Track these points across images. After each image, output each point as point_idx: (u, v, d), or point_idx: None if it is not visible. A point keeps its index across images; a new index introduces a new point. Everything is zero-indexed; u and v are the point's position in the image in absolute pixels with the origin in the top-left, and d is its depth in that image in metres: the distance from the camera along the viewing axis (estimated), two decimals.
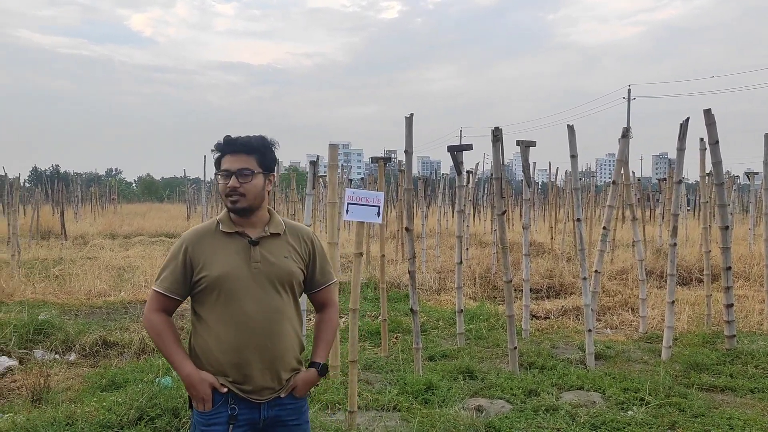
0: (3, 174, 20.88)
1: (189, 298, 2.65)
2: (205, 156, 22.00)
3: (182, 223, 26.32)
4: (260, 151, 2.61)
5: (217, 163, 2.63)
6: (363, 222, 4.90)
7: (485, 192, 21.37)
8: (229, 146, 2.60)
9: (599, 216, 20.69)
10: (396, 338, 7.75)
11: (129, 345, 7.27)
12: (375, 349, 7.36)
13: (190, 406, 2.61)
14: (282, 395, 2.62)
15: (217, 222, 2.63)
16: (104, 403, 5.15)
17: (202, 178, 22.53)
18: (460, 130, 79.26)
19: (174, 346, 2.56)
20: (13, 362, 6.79)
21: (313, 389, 5.40)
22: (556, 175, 19.56)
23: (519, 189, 28.46)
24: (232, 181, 2.54)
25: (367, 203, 4.74)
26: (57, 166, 67.38)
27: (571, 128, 6.70)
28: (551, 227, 16.29)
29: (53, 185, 33.81)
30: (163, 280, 2.57)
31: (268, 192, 2.66)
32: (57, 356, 7.05)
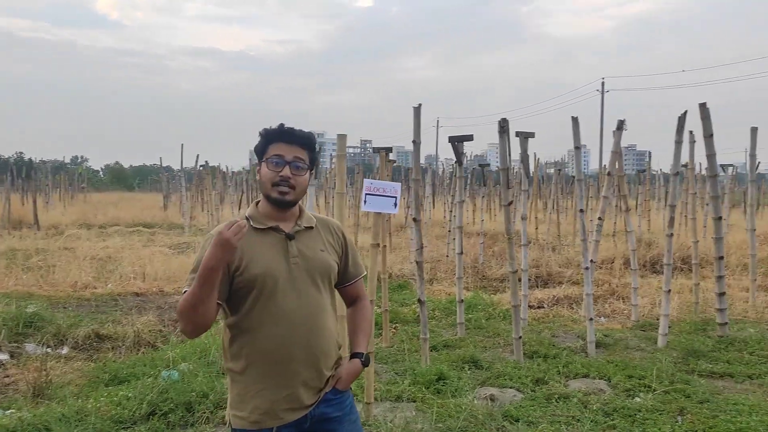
0: None
1: None
2: (182, 144, 21.80)
3: (159, 213, 25.96)
4: (312, 147, 2.54)
5: (263, 149, 2.49)
6: (380, 213, 4.88)
7: (468, 183, 21.43)
8: (285, 135, 2.48)
9: (574, 206, 20.97)
10: (395, 329, 7.76)
11: (123, 338, 7.16)
12: (375, 339, 7.36)
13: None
14: (326, 390, 2.55)
15: (246, 218, 2.50)
16: (114, 398, 5.08)
17: (180, 167, 22.25)
18: (437, 121, 79.65)
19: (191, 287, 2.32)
20: (4, 356, 6.66)
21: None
22: (537, 165, 19.72)
23: (497, 179, 28.60)
24: (286, 171, 2.43)
25: (384, 194, 4.73)
26: (21, 153, 65.59)
27: (575, 120, 6.76)
28: (535, 217, 16.44)
29: (21, 173, 33.04)
30: None
31: None
32: (49, 350, 6.91)
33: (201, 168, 22.91)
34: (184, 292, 2.39)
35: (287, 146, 2.47)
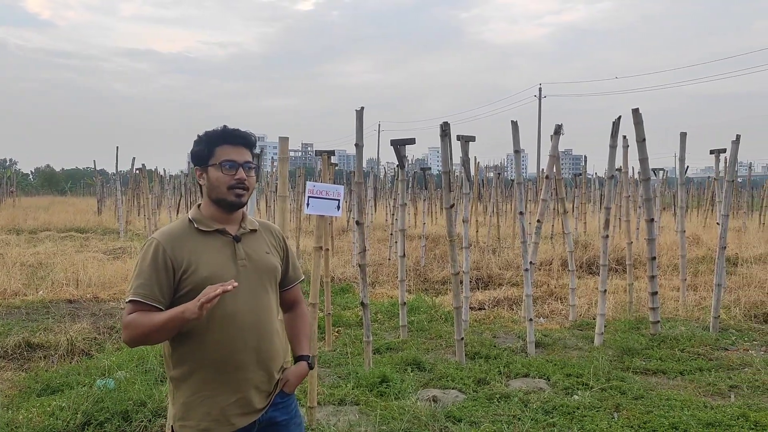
0: None
1: None
2: (117, 147, 21.15)
3: (92, 217, 25.12)
4: (253, 146, 2.54)
5: (209, 152, 2.44)
6: (323, 216, 4.86)
7: (410, 186, 21.58)
8: (230, 137, 2.46)
9: (514, 209, 21.39)
10: (338, 332, 7.73)
11: (56, 347, 6.90)
12: (318, 343, 7.31)
13: None
14: (275, 393, 2.53)
15: (190, 220, 2.46)
16: (46, 409, 4.88)
17: (116, 170, 21.59)
18: (379, 125, 80.00)
19: (159, 314, 2.28)
20: None
21: None
22: (476, 168, 20.00)
23: (438, 183, 28.89)
24: (241, 173, 2.42)
25: (327, 196, 4.70)
26: None
27: (514, 124, 6.89)
28: (476, 221, 16.66)
29: None
30: (139, 287, 2.31)
31: None
32: None
33: (137, 171, 22.30)
34: (129, 301, 2.33)
35: (234, 148, 2.46)
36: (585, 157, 19.74)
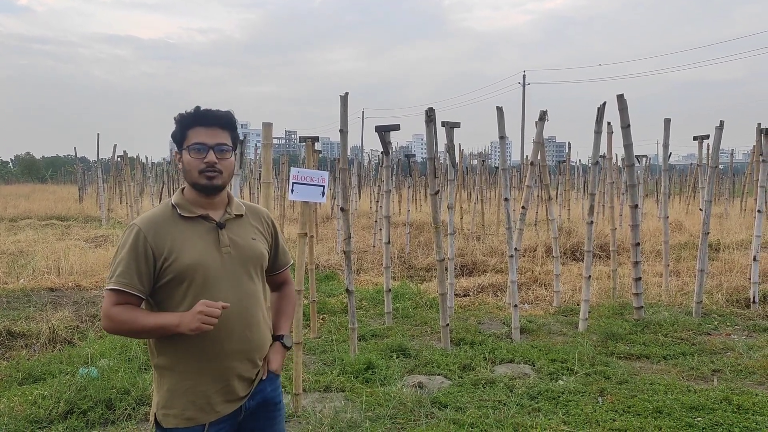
0: None
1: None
2: (98, 134, 20.90)
3: (74, 205, 24.87)
4: (233, 127, 2.44)
5: (182, 135, 2.37)
6: (308, 202, 4.82)
7: (394, 173, 21.54)
8: (202, 118, 2.37)
9: (498, 196, 21.41)
10: (323, 319, 7.71)
11: (37, 335, 6.82)
12: (303, 330, 7.28)
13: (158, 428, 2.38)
14: (263, 378, 2.49)
15: (173, 206, 2.39)
16: (28, 397, 4.83)
17: (97, 158, 21.34)
18: (362, 112, 79.66)
19: (147, 316, 2.29)
20: None
21: None
22: (461, 156, 20.02)
23: (423, 170, 28.85)
24: (210, 156, 2.33)
25: (312, 183, 4.67)
26: None
27: (500, 110, 6.86)
28: (461, 207, 16.69)
29: None
30: (120, 275, 2.25)
31: None
32: None
33: (119, 159, 22.06)
34: (110, 290, 2.26)
35: (207, 130, 2.36)
36: (569, 144, 19.78)
